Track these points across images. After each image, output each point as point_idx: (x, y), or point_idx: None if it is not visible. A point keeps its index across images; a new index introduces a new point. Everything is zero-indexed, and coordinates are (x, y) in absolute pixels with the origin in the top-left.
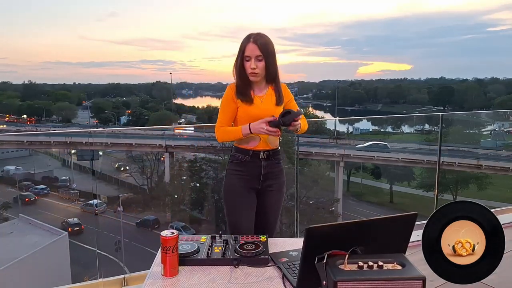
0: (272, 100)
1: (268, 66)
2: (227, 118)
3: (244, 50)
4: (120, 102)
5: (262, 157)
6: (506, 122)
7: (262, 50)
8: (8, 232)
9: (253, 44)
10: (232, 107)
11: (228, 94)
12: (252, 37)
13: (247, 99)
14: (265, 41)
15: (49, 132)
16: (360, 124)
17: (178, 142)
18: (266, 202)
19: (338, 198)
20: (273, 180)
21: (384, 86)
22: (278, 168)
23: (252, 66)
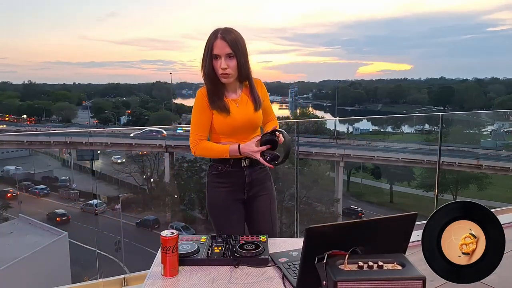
0: (248, 104)
1: (241, 64)
2: (203, 128)
3: (212, 47)
4: (120, 102)
5: (245, 165)
6: (506, 122)
7: (233, 46)
8: (8, 232)
9: (222, 40)
10: (207, 115)
11: (200, 100)
12: (219, 32)
13: (221, 106)
14: (235, 36)
15: (49, 132)
16: (360, 124)
17: (178, 142)
18: (256, 210)
19: (338, 198)
20: (259, 186)
21: (384, 86)
22: (264, 173)
23: (223, 66)
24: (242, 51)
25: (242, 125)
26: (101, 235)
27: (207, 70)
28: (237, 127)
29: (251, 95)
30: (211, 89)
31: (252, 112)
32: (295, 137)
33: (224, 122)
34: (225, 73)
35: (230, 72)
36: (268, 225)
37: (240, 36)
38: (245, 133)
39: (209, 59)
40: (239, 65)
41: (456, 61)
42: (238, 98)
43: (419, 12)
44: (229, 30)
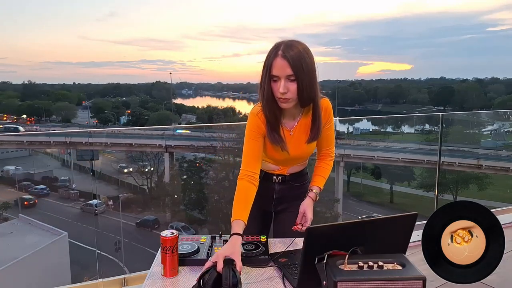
0: (306, 133)
1: (303, 88)
2: (255, 160)
3: (271, 67)
4: (120, 102)
5: (276, 181)
6: (506, 122)
7: (294, 67)
8: (8, 232)
9: (282, 59)
10: (261, 141)
11: (254, 126)
12: (280, 49)
13: (275, 138)
14: (299, 54)
15: (49, 132)
16: (360, 124)
17: (178, 142)
18: (283, 224)
19: (338, 198)
20: (289, 203)
21: (384, 86)
22: (299, 191)
23: (282, 90)
24: (306, 71)
25: (291, 158)
26: (101, 235)
27: (266, 92)
28: (286, 159)
29: (312, 123)
30: (269, 115)
31: (302, 143)
32: None
33: (274, 152)
34: (284, 98)
35: (290, 96)
36: None
37: (306, 52)
38: (291, 163)
39: (268, 80)
40: (300, 89)
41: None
42: (295, 126)
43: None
44: (292, 45)
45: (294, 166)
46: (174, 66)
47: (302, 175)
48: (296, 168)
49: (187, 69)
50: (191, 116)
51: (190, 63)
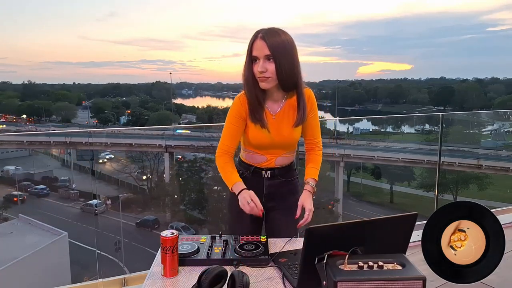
0: (289, 119)
1: (281, 68)
2: (232, 139)
3: (251, 49)
4: (120, 102)
5: (265, 176)
6: (506, 122)
7: (272, 47)
8: (8, 232)
9: (261, 40)
10: (240, 125)
11: (237, 108)
12: (261, 32)
13: (257, 118)
14: (278, 37)
15: (49, 132)
16: (360, 124)
17: (178, 142)
18: (274, 222)
19: (338, 198)
20: (279, 201)
21: (384, 86)
22: (287, 187)
23: (260, 69)
24: (284, 52)
25: (276, 142)
26: (101, 235)
27: (246, 74)
28: (270, 143)
29: (297, 107)
30: (250, 97)
31: (289, 128)
32: None
33: (257, 136)
34: (263, 77)
35: (268, 75)
36: None
37: (286, 36)
38: (276, 149)
39: (249, 62)
40: (278, 69)
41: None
42: (279, 111)
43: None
44: (272, 30)
45: (281, 156)
46: (174, 66)
47: (290, 170)
48: (284, 159)
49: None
50: (191, 116)
51: (190, 63)
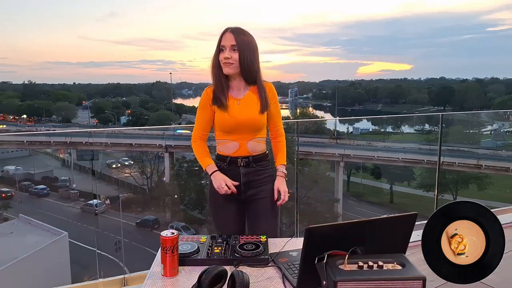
0: (253, 104)
1: (244, 59)
2: (203, 127)
3: (220, 40)
4: (120, 102)
5: (241, 165)
6: (506, 122)
7: (238, 39)
8: (8, 232)
9: (229, 33)
10: (207, 114)
11: (203, 98)
12: (230, 28)
13: (220, 101)
14: (243, 34)
15: (49, 132)
16: (360, 124)
17: (178, 142)
18: (254, 212)
19: (338, 198)
20: (257, 188)
21: (384, 86)
22: (263, 175)
23: (226, 55)
24: (247, 47)
25: (241, 124)
26: (101, 235)
27: (214, 61)
28: (235, 125)
29: (259, 96)
30: (215, 82)
31: (256, 114)
32: (295, 137)
33: (223, 119)
34: (227, 62)
35: (232, 62)
36: (267, 228)
37: (250, 37)
38: (244, 133)
39: (217, 52)
40: (241, 58)
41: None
42: (241, 98)
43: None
44: (239, 28)
45: (251, 141)
46: (174, 66)
47: (264, 158)
48: (255, 145)
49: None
50: (191, 116)
51: (190, 63)
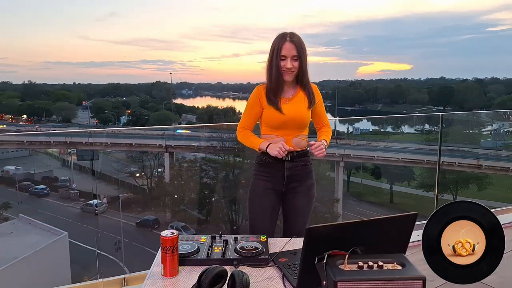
0: (301, 102)
1: (302, 66)
2: (250, 120)
3: (280, 49)
4: (120, 102)
5: (286, 159)
6: (506, 122)
7: (299, 49)
8: (8, 232)
9: (290, 43)
10: (256, 110)
11: (255, 96)
12: (287, 36)
13: (274, 102)
14: (301, 41)
15: (49, 132)
16: (360, 124)
17: (178, 142)
18: (293, 205)
19: (338, 198)
20: (298, 182)
21: (384, 86)
22: (305, 171)
23: (289, 66)
24: (305, 54)
25: (289, 121)
26: (101, 235)
27: (275, 68)
28: (284, 121)
29: (306, 94)
30: (272, 86)
31: (304, 110)
32: None
33: (273, 115)
34: (290, 71)
35: (294, 70)
36: (303, 222)
37: (303, 42)
38: (291, 129)
39: (276, 59)
40: (301, 66)
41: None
42: (291, 97)
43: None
44: (295, 35)
45: (296, 137)
46: (174, 66)
47: (306, 155)
48: (299, 141)
49: (187, 69)
50: (191, 116)
51: (190, 63)
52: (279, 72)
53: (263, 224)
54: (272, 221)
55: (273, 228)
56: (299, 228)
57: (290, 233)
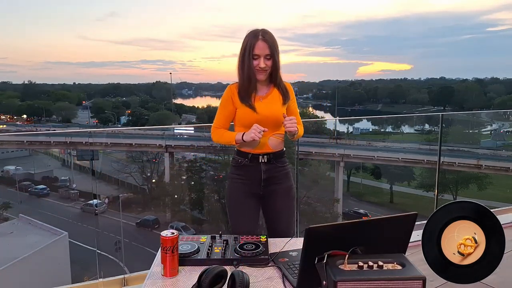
0: (275, 99)
1: (276, 64)
2: (224, 120)
3: (253, 48)
4: (120, 102)
5: (262, 161)
6: (506, 122)
7: (272, 48)
8: (8, 232)
9: (263, 42)
10: (229, 109)
11: (227, 95)
12: (260, 34)
13: (247, 101)
14: (273, 39)
15: (49, 132)
16: (360, 124)
17: (178, 142)
18: (272, 208)
19: (338, 198)
20: (276, 185)
21: (384, 86)
22: (282, 172)
23: (262, 65)
24: (277, 52)
25: (263, 119)
26: (101, 235)
27: (247, 67)
28: (258, 120)
29: (281, 92)
30: (245, 85)
31: (279, 107)
32: None
33: (247, 115)
34: (263, 70)
35: (267, 69)
36: (283, 225)
37: (275, 39)
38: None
39: (249, 58)
40: (274, 65)
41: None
42: (265, 95)
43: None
44: (266, 32)
45: (272, 137)
46: (174, 66)
47: (283, 156)
48: (275, 142)
49: (187, 69)
50: (191, 116)
51: (190, 63)
52: (251, 71)
53: (245, 228)
54: (253, 224)
55: (255, 229)
56: (283, 227)
57: (274, 234)
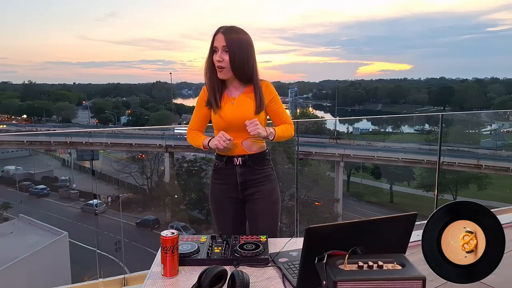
0: (247, 104)
1: (235, 60)
2: (199, 121)
3: (213, 41)
4: (120, 102)
5: (237, 164)
6: (506, 122)
7: (228, 40)
8: (8, 232)
9: (221, 34)
10: (204, 111)
11: (201, 96)
12: (222, 28)
13: (212, 102)
14: (236, 34)
15: (49, 132)
16: (360, 124)
17: (178, 142)
18: (253, 211)
19: (338, 198)
20: (255, 188)
21: (384, 86)
22: (262, 175)
23: (217, 58)
24: (238, 47)
25: (233, 124)
26: (101, 235)
27: (208, 62)
28: (228, 124)
29: (254, 97)
30: (208, 84)
31: (250, 113)
32: (295, 137)
33: (215, 119)
34: (219, 66)
35: (224, 65)
36: (266, 228)
37: (243, 36)
38: (239, 131)
39: (210, 53)
40: (232, 60)
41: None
42: (236, 97)
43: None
44: (231, 28)
45: (246, 140)
46: (174, 66)
47: (262, 158)
48: (251, 145)
49: (187, 69)
50: (191, 116)
51: (190, 63)
52: (213, 68)
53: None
54: (238, 228)
55: (242, 231)
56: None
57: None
